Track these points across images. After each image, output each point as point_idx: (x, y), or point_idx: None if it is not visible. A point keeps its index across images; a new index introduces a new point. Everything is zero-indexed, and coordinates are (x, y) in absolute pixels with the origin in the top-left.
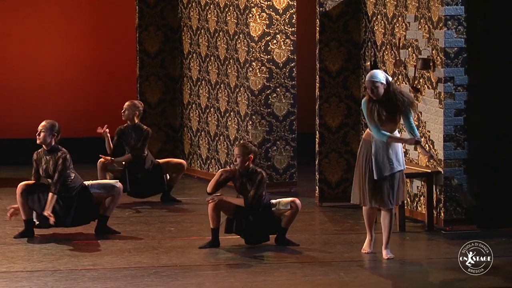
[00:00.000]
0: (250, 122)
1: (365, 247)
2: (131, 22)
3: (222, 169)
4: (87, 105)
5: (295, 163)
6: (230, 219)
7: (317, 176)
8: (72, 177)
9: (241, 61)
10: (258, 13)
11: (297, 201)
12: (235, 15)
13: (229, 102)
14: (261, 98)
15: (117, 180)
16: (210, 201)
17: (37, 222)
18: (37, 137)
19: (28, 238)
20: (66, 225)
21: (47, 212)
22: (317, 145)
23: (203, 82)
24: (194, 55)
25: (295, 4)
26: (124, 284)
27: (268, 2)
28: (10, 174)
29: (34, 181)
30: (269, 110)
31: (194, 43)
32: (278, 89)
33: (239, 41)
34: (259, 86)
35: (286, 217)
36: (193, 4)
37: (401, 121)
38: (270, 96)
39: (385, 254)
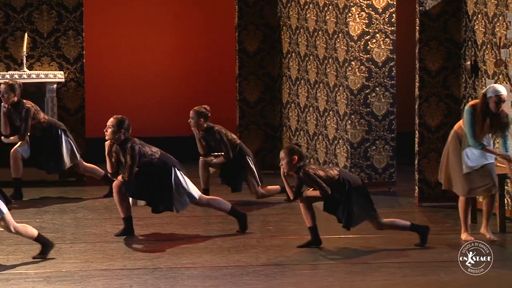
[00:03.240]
0: (349, 122)
1: (467, 236)
2: (231, 22)
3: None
4: (188, 104)
5: (394, 162)
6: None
7: (417, 175)
8: (155, 155)
9: (340, 60)
10: (358, 12)
11: None
12: (334, 14)
13: (328, 102)
14: (360, 98)
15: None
16: (299, 201)
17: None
18: (105, 132)
19: (128, 236)
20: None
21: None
22: (416, 145)
23: (302, 81)
24: (293, 54)
25: (394, 3)
26: (223, 282)
27: (368, 1)
28: None
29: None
30: (368, 109)
31: (293, 42)
32: (377, 89)
33: (338, 40)
34: (358, 86)
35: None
36: (293, 3)
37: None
38: (369, 96)
39: (489, 234)
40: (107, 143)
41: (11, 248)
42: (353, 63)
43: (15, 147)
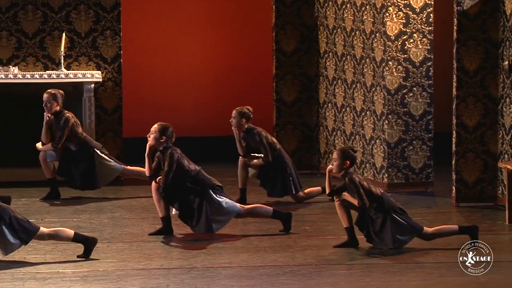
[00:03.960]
0: (386, 122)
1: None
2: (268, 22)
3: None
4: (225, 104)
5: (431, 162)
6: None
7: (454, 176)
8: (192, 172)
9: (377, 60)
10: (395, 12)
11: None
12: (371, 14)
13: (365, 101)
14: (397, 98)
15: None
16: (335, 201)
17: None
18: (148, 138)
19: (165, 236)
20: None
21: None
22: (453, 145)
23: (339, 81)
24: (330, 54)
25: (432, 3)
26: (259, 282)
27: (405, 1)
28: None
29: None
30: (405, 109)
31: (331, 42)
32: (414, 89)
33: (375, 40)
34: (396, 85)
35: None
36: (330, 3)
37: None
38: (406, 96)
39: None
40: (148, 144)
41: (49, 248)
42: (390, 63)
43: (42, 148)
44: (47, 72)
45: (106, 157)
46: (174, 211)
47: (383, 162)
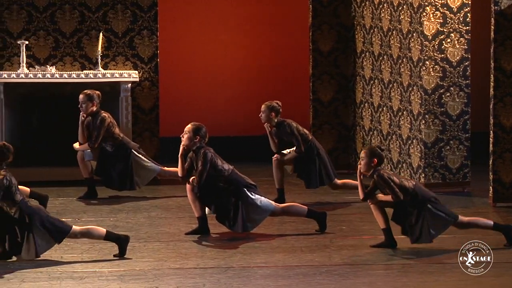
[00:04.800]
0: (423, 121)
1: None
2: (305, 21)
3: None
4: (261, 103)
5: (468, 162)
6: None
7: (491, 176)
8: (226, 172)
9: (414, 60)
10: (432, 11)
11: None
12: (408, 13)
13: (402, 101)
14: (434, 97)
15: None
16: (370, 203)
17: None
18: (182, 138)
19: (202, 235)
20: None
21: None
22: (491, 145)
23: (375, 81)
24: (367, 53)
25: (469, 2)
26: (295, 282)
27: (442, 1)
28: None
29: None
30: (442, 109)
31: (367, 41)
32: (451, 88)
33: (412, 39)
34: (433, 85)
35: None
36: (367, 2)
37: None
38: (443, 95)
39: None
40: (182, 145)
41: (86, 247)
42: (427, 62)
43: (78, 148)
44: (84, 71)
45: (143, 158)
46: (208, 210)
47: (419, 162)
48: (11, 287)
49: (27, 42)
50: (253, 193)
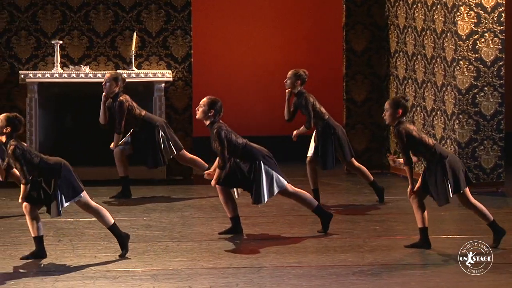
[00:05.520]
0: (457, 121)
1: None
2: (339, 21)
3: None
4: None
5: (502, 162)
6: None
7: None
8: (240, 146)
9: (448, 59)
10: (466, 11)
11: None
12: (442, 13)
13: (436, 101)
14: (468, 97)
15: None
16: (411, 198)
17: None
18: (196, 111)
19: (235, 235)
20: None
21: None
22: None
23: (409, 80)
24: (400, 53)
25: (503, 2)
26: (329, 282)
27: (477, 1)
28: None
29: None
30: (476, 109)
31: (401, 41)
32: (485, 88)
33: (446, 39)
34: (466, 85)
35: None
36: (401, 2)
37: None
38: (477, 95)
39: None
40: (197, 117)
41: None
42: (461, 62)
43: (113, 145)
44: (118, 71)
45: (167, 135)
46: (236, 194)
47: None
48: (45, 286)
49: (61, 42)
50: (268, 166)
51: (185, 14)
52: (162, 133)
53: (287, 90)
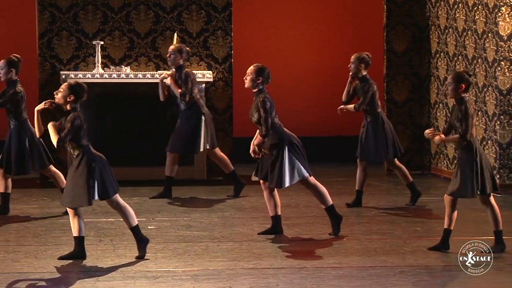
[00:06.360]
0: (498, 122)
1: None
2: (379, 21)
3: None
4: (337, 104)
5: None
6: None
7: None
8: (275, 125)
9: (489, 60)
10: (508, 12)
11: None
12: (483, 14)
13: (477, 102)
14: (509, 98)
15: None
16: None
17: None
18: (245, 80)
19: (275, 235)
20: None
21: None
22: None
23: None
24: (441, 54)
25: None
26: (369, 283)
27: None
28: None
29: None
30: None
31: (442, 42)
32: None
33: (487, 40)
34: (508, 86)
35: None
36: (442, 3)
37: None
38: None
39: None
40: (246, 86)
41: (160, 246)
42: (502, 63)
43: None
44: (159, 71)
45: (209, 127)
46: (254, 177)
47: (494, 163)
48: (86, 286)
49: (102, 43)
50: (292, 154)
51: (226, 14)
52: (205, 123)
53: (350, 73)
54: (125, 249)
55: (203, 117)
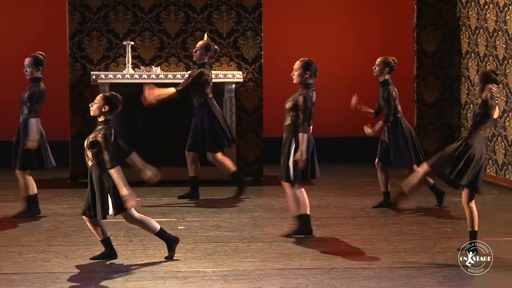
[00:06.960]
0: None
1: None
2: (410, 22)
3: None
4: (367, 104)
5: None
6: None
7: None
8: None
9: None
10: None
11: None
12: None
13: (508, 102)
14: None
15: None
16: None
17: None
18: (292, 76)
19: (305, 236)
20: None
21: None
22: None
23: None
24: (472, 54)
25: None
26: (399, 283)
27: None
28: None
29: None
30: None
31: (473, 42)
32: None
33: None
34: None
35: None
36: (472, 3)
37: None
38: None
39: None
40: (294, 81)
41: (189, 246)
42: None
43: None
44: (189, 72)
45: (221, 125)
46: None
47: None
48: (116, 286)
49: (132, 43)
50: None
51: (256, 15)
52: (217, 122)
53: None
54: (155, 249)
55: (212, 116)
